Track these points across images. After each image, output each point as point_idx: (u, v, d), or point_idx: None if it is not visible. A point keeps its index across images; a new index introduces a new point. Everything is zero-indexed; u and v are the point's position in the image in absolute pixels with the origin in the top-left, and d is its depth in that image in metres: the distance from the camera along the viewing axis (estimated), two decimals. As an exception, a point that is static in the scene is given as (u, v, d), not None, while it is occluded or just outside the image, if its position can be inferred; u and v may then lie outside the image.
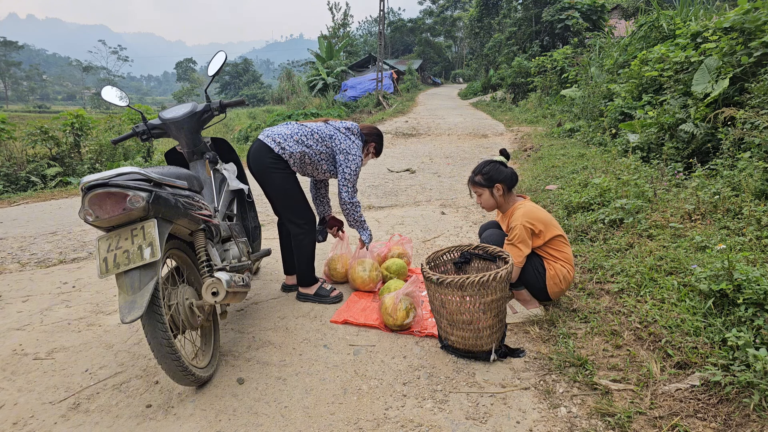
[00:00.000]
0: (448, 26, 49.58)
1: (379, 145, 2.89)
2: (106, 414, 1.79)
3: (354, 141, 2.69)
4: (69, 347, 2.28)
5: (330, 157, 2.67)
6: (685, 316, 2.06)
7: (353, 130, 2.75)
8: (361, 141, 2.75)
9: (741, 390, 1.62)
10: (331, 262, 3.02)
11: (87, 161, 8.56)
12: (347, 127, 2.74)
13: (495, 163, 2.44)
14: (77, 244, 3.99)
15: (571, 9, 17.04)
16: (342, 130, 2.71)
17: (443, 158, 8.11)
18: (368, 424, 1.71)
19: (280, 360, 2.14)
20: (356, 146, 2.68)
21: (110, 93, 2.45)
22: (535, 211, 2.33)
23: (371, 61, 32.41)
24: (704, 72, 4.77)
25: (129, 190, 1.57)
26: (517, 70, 17.43)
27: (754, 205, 2.87)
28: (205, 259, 2.00)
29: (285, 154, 2.54)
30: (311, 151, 2.60)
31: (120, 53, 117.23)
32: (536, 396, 1.84)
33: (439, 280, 2.01)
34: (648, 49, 7.24)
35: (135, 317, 1.51)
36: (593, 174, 4.61)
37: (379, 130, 2.89)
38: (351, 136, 2.71)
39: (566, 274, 2.33)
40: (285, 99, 28.90)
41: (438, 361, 2.11)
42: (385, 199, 5.38)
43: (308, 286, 2.76)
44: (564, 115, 10.31)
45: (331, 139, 2.64)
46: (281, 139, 2.56)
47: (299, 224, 2.65)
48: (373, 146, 2.86)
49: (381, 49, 20.13)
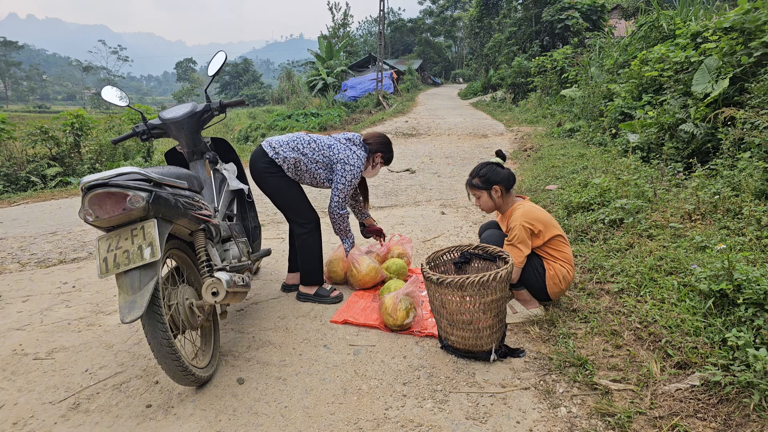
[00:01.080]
0: (448, 26, 49.57)
1: (388, 154, 2.84)
2: (106, 414, 1.79)
3: (354, 151, 2.68)
4: (69, 347, 2.29)
5: (327, 167, 2.67)
6: (685, 316, 2.06)
7: (354, 141, 2.75)
8: (364, 151, 2.74)
9: (741, 390, 1.62)
10: (330, 263, 3.02)
11: (87, 161, 8.56)
12: (348, 138, 2.75)
13: (492, 165, 2.44)
14: (77, 244, 3.99)
15: (571, 9, 17.04)
16: (342, 140, 2.72)
17: (443, 158, 8.11)
18: (368, 424, 1.71)
19: (280, 360, 2.14)
20: (356, 156, 2.67)
21: (110, 93, 2.45)
22: (534, 211, 2.33)
23: (371, 61, 32.41)
24: (704, 72, 4.77)
25: (129, 190, 1.57)
26: (517, 70, 17.43)
27: (754, 205, 2.87)
28: (205, 259, 2.00)
29: (279, 159, 2.58)
30: (306, 159, 2.62)
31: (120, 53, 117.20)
32: (536, 396, 1.84)
33: (439, 280, 2.01)
34: (648, 49, 7.24)
35: (135, 317, 1.51)
36: (593, 174, 4.61)
37: (386, 138, 2.85)
38: (352, 146, 2.71)
39: (566, 274, 2.33)
40: (285, 99, 28.91)
41: (438, 361, 2.11)
42: (385, 199, 5.38)
43: (309, 286, 2.76)
44: (564, 115, 10.31)
45: (329, 148, 2.65)
46: (277, 144, 2.61)
47: (302, 224, 2.67)
48: (380, 156, 2.81)
49: (381, 49, 20.13)
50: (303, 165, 2.63)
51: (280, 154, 2.58)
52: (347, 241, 2.91)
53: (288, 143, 2.62)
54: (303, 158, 2.62)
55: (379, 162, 2.84)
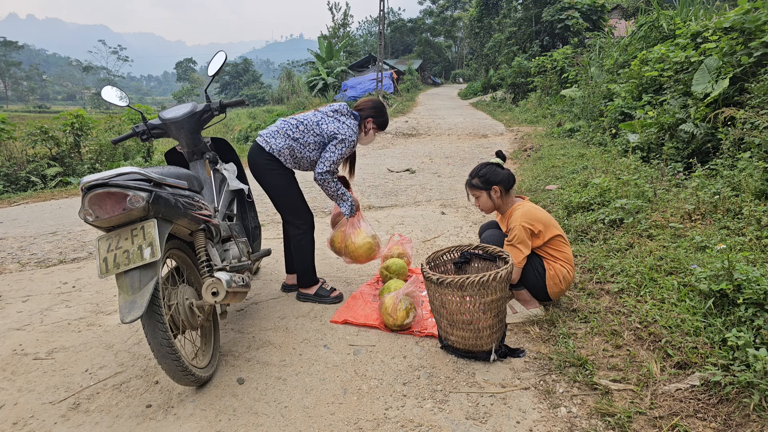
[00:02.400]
0: (448, 26, 49.60)
1: (380, 119, 2.71)
2: (106, 414, 1.79)
3: (344, 122, 2.60)
4: (69, 347, 2.29)
5: (322, 146, 2.59)
6: (685, 316, 2.06)
7: (342, 111, 2.65)
8: (354, 119, 2.66)
9: (741, 390, 1.62)
10: (332, 238, 2.89)
11: (87, 161, 8.56)
12: (335, 110, 2.65)
13: (491, 165, 2.44)
14: (77, 244, 3.99)
15: (571, 9, 17.04)
16: (329, 113, 2.63)
17: (443, 158, 8.11)
18: (368, 424, 1.71)
19: (280, 360, 2.14)
20: (347, 126, 2.58)
21: (110, 93, 2.45)
22: (534, 212, 2.33)
23: (371, 61, 32.40)
24: (704, 72, 4.77)
25: (129, 190, 1.57)
26: (517, 70, 17.42)
27: (754, 205, 2.87)
28: (205, 259, 2.00)
29: (275, 152, 2.53)
30: (298, 144, 2.55)
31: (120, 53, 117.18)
32: (536, 396, 1.84)
33: (439, 280, 2.01)
34: (648, 49, 7.23)
35: (135, 317, 1.51)
36: (593, 174, 4.61)
37: (378, 102, 2.73)
38: (340, 117, 2.62)
39: (566, 274, 2.33)
40: (285, 99, 28.90)
41: (438, 361, 2.11)
42: (385, 199, 5.38)
43: (308, 287, 2.75)
44: (564, 115, 10.30)
45: (318, 125, 2.57)
46: (269, 136, 2.56)
47: (297, 225, 2.65)
48: (372, 121, 2.70)
49: (381, 49, 20.13)
50: (297, 152, 2.56)
51: (274, 147, 2.53)
52: (344, 205, 2.70)
53: (277, 132, 2.56)
54: (295, 144, 2.55)
55: (371, 128, 2.73)
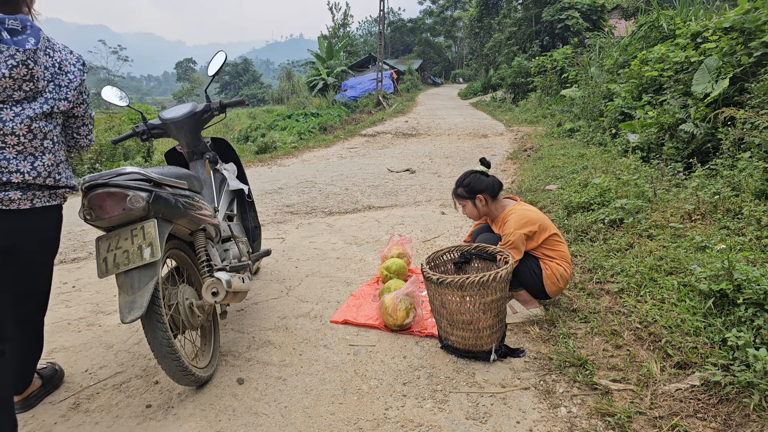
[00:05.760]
0: (448, 26, 49.61)
1: None
2: (106, 414, 1.79)
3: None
4: (69, 347, 2.28)
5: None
6: (685, 316, 2.06)
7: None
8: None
9: (741, 390, 1.62)
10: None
11: (87, 161, 8.55)
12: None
13: (476, 173, 2.44)
14: (77, 244, 3.99)
15: (571, 9, 17.04)
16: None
17: (443, 158, 8.11)
18: (368, 424, 1.71)
19: (280, 360, 2.14)
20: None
21: (110, 93, 2.45)
22: (527, 214, 2.33)
23: (371, 61, 32.38)
24: (704, 72, 4.77)
25: (129, 190, 1.57)
26: (517, 70, 17.43)
27: (754, 205, 2.87)
28: (205, 259, 2.00)
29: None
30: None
31: (120, 53, 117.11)
32: (536, 396, 1.84)
33: (439, 280, 2.01)
34: (648, 49, 7.23)
35: (135, 317, 1.51)
36: (593, 174, 4.61)
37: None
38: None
39: (563, 272, 2.33)
40: (285, 99, 28.91)
41: (438, 361, 2.11)
42: (385, 199, 5.38)
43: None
44: (564, 115, 10.30)
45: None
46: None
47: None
48: None
49: (381, 49, 20.13)
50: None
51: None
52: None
53: None
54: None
55: None
